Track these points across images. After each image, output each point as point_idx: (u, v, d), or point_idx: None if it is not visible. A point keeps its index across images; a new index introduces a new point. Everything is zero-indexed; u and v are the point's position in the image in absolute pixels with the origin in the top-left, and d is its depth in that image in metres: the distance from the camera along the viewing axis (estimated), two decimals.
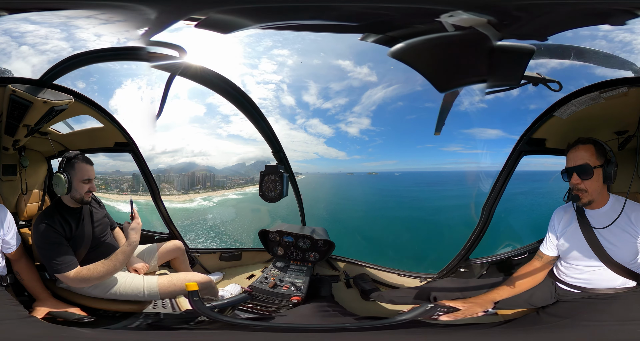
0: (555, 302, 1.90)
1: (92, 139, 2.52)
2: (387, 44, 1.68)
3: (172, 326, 2.12)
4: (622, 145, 1.98)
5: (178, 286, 2.09)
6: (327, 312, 2.10)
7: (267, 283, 2.42)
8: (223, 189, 5.20)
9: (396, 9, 1.68)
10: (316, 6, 1.75)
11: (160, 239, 2.78)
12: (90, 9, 1.99)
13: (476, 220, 2.27)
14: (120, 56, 2.21)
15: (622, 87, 1.76)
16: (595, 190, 1.74)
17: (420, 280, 2.48)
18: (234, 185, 5.26)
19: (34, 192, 2.44)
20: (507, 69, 1.62)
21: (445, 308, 1.94)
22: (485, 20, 1.50)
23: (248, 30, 1.91)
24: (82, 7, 1.99)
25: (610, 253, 1.74)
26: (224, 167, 5.24)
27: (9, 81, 1.90)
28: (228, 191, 5.22)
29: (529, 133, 2.07)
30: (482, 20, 1.50)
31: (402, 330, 1.77)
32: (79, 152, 2.04)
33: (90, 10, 1.99)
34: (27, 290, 2.04)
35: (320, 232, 2.77)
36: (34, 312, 1.91)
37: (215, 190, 5.05)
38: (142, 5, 1.92)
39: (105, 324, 1.96)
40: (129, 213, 2.09)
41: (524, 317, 1.92)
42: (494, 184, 2.20)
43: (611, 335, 1.61)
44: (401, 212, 6.19)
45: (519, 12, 1.47)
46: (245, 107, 2.39)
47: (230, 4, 1.77)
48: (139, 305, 2.12)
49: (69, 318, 1.92)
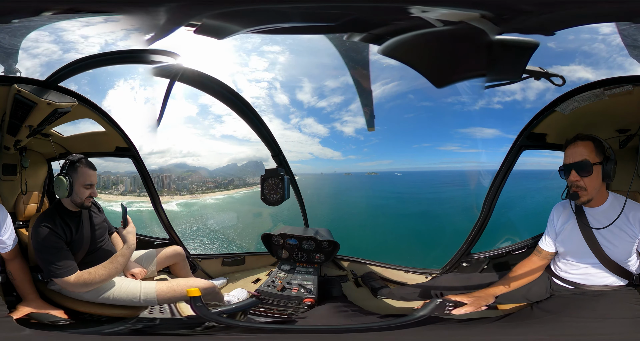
0: (549, 297, 1.92)
1: (93, 143, 2.50)
2: (373, 42, 1.72)
3: (170, 331, 2.05)
4: (623, 143, 1.99)
5: (178, 292, 2.04)
6: (346, 312, 2.10)
7: (275, 286, 2.39)
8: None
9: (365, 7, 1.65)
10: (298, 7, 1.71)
11: (159, 245, 2.73)
12: (99, 15, 2.01)
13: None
14: (125, 59, 2.23)
15: (627, 85, 1.73)
16: (594, 187, 1.72)
17: (426, 275, 2.52)
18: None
19: (33, 193, 2.40)
20: (507, 63, 1.63)
21: (453, 303, 1.97)
22: (478, 15, 1.48)
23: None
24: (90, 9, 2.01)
25: (606, 252, 1.74)
26: (215, 168, 5.19)
27: (15, 81, 1.89)
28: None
29: (530, 128, 2.08)
30: (475, 14, 1.49)
31: (423, 326, 1.77)
32: (82, 156, 2.01)
33: (100, 16, 2.00)
34: (16, 290, 1.99)
35: (324, 232, 2.78)
36: (15, 312, 1.84)
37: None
38: (144, 12, 1.95)
39: (85, 328, 1.91)
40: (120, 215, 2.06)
41: (519, 312, 1.94)
42: (494, 179, 2.26)
43: (590, 331, 1.65)
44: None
45: (519, 6, 1.45)
46: (243, 112, 2.43)
47: (221, 8, 1.79)
48: (131, 310, 2.04)
49: (43, 320, 1.86)
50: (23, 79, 1.93)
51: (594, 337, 1.63)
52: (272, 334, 1.80)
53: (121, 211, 2.06)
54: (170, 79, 2.31)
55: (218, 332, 1.87)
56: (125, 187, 3.72)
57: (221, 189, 4.96)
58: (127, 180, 3.61)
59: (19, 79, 1.92)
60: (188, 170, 4.82)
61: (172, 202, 4.89)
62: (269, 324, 1.98)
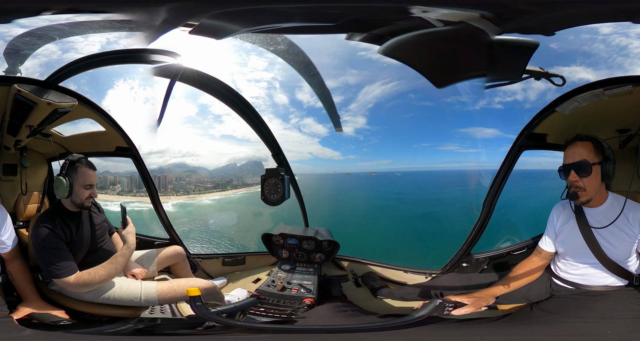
0: (549, 297, 1.91)
1: (93, 143, 2.50)
2: (373, 43, 1.69)
3: (171, 331, 2.06)
4: (623, 143, 1.99)
5: (178, 292, 2.04)
6: (346, 312, 2.10)
7: (275, 286, 2.39)
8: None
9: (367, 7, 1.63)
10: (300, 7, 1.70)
11: (160, 245, 2.74)
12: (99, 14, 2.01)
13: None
14: (125, 59, 2.23)
15: (628, 86, 1.73)
16: (593, 188, 1.72)
17: (426, 275, 2.52)
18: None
19: (33, 194, 2.40)
20: (507, 64, 1.61)
21: (452, 303, 1.97)
22: (478, 15, 1.47)
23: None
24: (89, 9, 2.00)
25: (606, 252, 1.74)
26: (214, 168, 5.18)
27: (15, 81, 1.88)
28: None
29: (530, 128, 2.08)
30: (475, 14, 1.48)
31: (423, 326, 1.77)
32: (82, 156, 2.01)
33: (99, 15, 2.00)
34: (17, 290, 1.99)
35: (324, 232, 2.78)
36: (15, 312, 1.84)
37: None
38: (144, 12, 1.94)
39: (86, 328, 1.91)
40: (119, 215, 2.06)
41: (519, 312, 1.94)
42: (494, 179, 2.26)
43: (590, 331, 1.64)
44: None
45: (519, 6, 1.45)
46: (243, 111, 2.43)
47: (221, 7, 1.78)
48: (132, 310, 2.05)
49: (44, 321, 1.86)
50: (23, 79, 1.92)
51: (594, 337, 1.62)
52: (272, 334, 1.80)
53: (120, 211, 2.05)
54: (170, 79, 2.31)
55: (218, 332, 1.87)
56: (122, 187, 3.70)
57: (219, 189, 4.95)
58: (124, 180, 3.58)
59: (19, 79, 1.91)
60: (187, 170, 4.82)
61: (168, 202, 4.88)
62: (269, 324, 1.98)
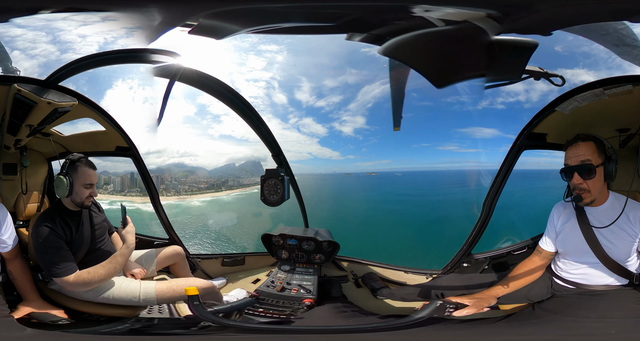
0: (550, 297, 1.91)
1: (93, 142, 2.50)
2: (374, 43, 1.69)
3: (167, 331, 2.05)
4: (623, 143, 1.99)
5: (177, 291, 2.04)
6: (346, 313, 2.09)
7: (275, 286, 2.39)
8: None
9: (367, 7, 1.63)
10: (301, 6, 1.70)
11: (159, 245, 2.73)
12: (100, 13, 2.01)
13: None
14: (125, 59, 2.23)
15: (627, 85, 1.73)
16: (597, 189, 1.71)
17: (427, 276, 2.51)
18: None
19: (33, 193, 2.40)
20: (507, 64, 1.60)
21: (454, 304, 1.97)
22: (482, 14, 1.46)
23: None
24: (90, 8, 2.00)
25: (607, 251, 1.73)
26: (213, 168, 5.17)
27: (15, 80, 1.89)
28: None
29: (530, 128, 2.08)
30: (479, 13, 1.48)
31: (424, 327, 1.77)
32: (82, 155, 2.01)
33: (101, 14, 2.00)
34: (17, 289, 1.99)
35: (324, 233, 2.78)
36: (16, 312, 1.84)
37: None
38: (143, 11, 1.94)
39: (84, 327, 1.91)
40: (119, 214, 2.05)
41: (521, 312, 1.93)
42: (495, 179, 2.25)
43: (591, 330, 1.64)
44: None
45: (521, 5, 1.45)
46: (243, 111, 2.43)
47: (221, 7, 1.77)
48: (131, 310, 2.05)
49: (44, 320, 1.86)
50: (23, 78, 1.92)
51: (595, 337, 1.62)
52: (270, 334, 1.79)
53: (120, 211, 2.05)
54: (170, 79, 2.31)
55: (215, 332, 1.86)
56: (115, 186, 3.68)
57: (212, 190, 4.90)
58: (116, 180, 3.55)
59: (19, 78, 1.91)
60: (186, 170, 4.80)
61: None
62: (266, 324, 1.97)
